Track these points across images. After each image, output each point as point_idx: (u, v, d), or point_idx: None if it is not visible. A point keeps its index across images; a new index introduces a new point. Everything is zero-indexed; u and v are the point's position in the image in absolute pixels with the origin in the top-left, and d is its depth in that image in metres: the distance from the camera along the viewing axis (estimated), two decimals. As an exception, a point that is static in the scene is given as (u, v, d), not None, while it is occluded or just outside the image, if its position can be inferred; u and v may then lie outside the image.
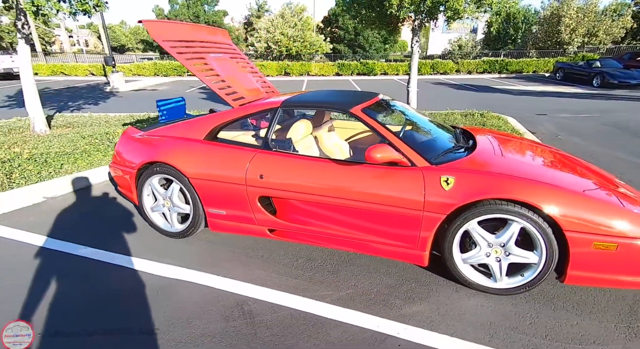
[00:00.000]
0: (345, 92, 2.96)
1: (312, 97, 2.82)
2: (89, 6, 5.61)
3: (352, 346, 1.75)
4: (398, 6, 4.77)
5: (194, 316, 1.94)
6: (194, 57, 2.81)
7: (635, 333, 1.83)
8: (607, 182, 2.36)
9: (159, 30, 2.69)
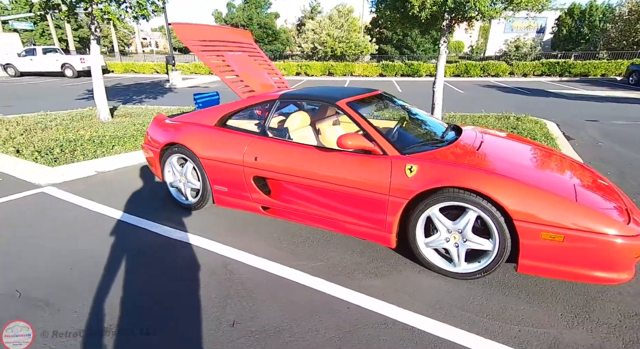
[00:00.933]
0: (344, 88, 3.21)
1: (307, 91, 3.13)
2: (147, 11, 6.44)
3: (308, 306, 2.03)
4: (420, 7, 4.88)
5: (188, 267, 2.35)
6: (213, 54, 3.25)
7: (579, 322, 1.89)
8: (591, 184, 2.38)
9: (184, 32, 3.17)
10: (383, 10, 5.58)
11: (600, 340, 1.78)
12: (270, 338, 1.78)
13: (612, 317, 1.95)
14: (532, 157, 2.65)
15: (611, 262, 1.89)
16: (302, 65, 20.36)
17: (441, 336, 1.80)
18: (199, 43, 3.20)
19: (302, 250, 2.59)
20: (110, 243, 2.65)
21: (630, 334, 1.82)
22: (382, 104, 3.23)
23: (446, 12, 5.05)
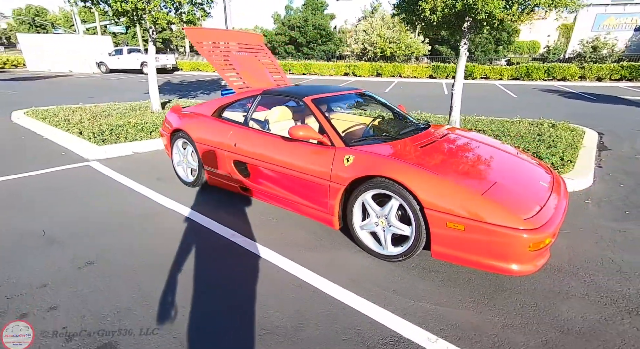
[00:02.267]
0: (321, 87, 3.51)
1: (286, 88, 3.49)
2: (194, 16, 7.32)
3: (248, 267, 2.43)
4: (431, 10, 4.93)
5: (170, 226, 2.90)
6: (217, 54, 3.79)
7: (474, 305, 2.04)
8: (521, 180, 2.45)
9: (195, 35, 3.76)
10: (399, 13, 5.71)
11: (482, 321, 1.92)
12: (214, 288, 2.22)
13: (510, 305, 2.05)
14: (473, 155, 2.75)
15: (506, 253, 2.00)
16: (350, 66, 20.64)
17: (342, 300, 2.08)
18: (206, 45, 3.77)
19: (263, 225, 3.00)
20: (122, 207, 3.31)
21: (514, 319, 1.94)
22: (358, 102, 3.49)
23: (458, 15, 5.04)
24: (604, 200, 3.61)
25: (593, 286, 2.25)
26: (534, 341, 1.80)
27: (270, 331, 1.85)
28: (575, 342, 1.80)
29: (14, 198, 3.47)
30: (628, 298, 2.14)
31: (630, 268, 2.45)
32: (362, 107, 3.57)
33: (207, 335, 1.81)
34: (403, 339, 1.81)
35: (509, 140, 5.47)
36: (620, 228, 3.02)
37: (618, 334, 1.86)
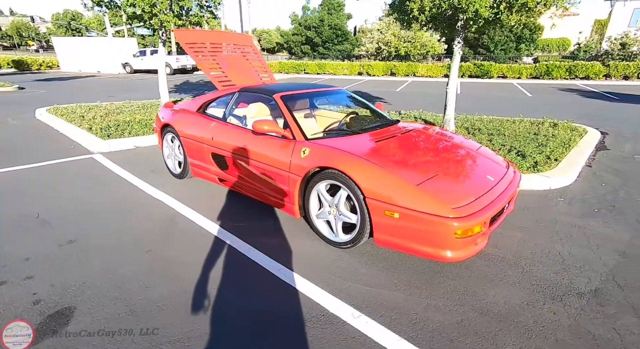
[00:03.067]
0: (296, 84, 3.67)
1: (262, 86, 3.68)
2: (201, 18, 7.67)
3: (207, 247, 2.65)
4: (419, 10, 4.99)
5: (149, 213, 3.17)
6: (204, 54, 4.05)
7: (407, 288, 2.17)
8: (464, 172, 2.55)
9: (184, 36, 4.03)
10: (393, 13, 5.79)
11: (408, 302, 2.06)
12: (175, 263, 2.46)
13: (440, 289, 2.17)
14: (426, 150, 2.87)
15: (435, 240, 2.11)
16: (364, 65, 20.67)
17: (287, 281, 2.26)
18: (195, 45, 4.03)
19: (233, 214, 3.21)
20: (112, 195, 3.63)
21: (438, 301, 2.06)
22: (334, 99, 3.65)
23: (446, 14, 5.08)
24: (578, 198, 3.60)
25: (529, 275, 2.32)
26: (449, 321, 1.91)
27: (222, 300, 2.05)
28: (489, 322, 1.90)
29: (20, 185, 3.86)
30: (558, 286, 2.21)
31: (573, 260, 2.49)
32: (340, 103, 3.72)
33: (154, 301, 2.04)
34: (329, 314, 1.97)
35: (501, 139, 5.45)
36: (582, 224, 3.04)
37: (533, 316, 1.94)
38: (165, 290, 2.15)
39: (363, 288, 2.19)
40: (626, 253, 2.60)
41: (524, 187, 3.85)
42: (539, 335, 1.83)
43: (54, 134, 6.24)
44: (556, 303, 2.07)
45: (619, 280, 2.28)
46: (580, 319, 1.94)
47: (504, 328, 1.87)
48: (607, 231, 2.92)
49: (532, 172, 4.08)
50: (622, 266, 2.44)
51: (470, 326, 1.88)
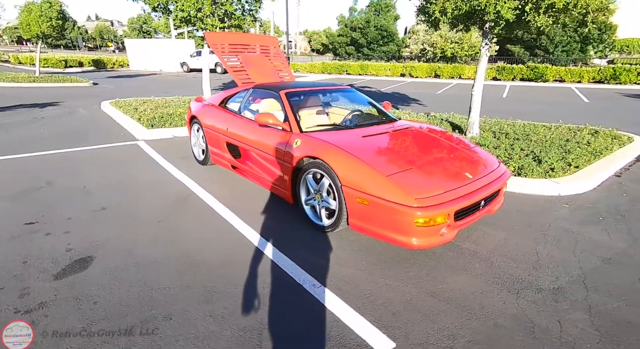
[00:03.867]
0: (309, 83, 3.98)
1: (273, 83, 4.02)
2: (242, 22, 8.28)
3: (209, 222, 3.05)
4: (441, 12, 5.00)
5: (170, 191, 3.68)
6: (230, 54, 4.50)
7: (364, 266, 2.38)
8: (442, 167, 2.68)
9: (213, 38, 4.52)
10: (419, 15, 5.85)
11: (367, 280, 2.27)
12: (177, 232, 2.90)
13: (402, 273, 2.35)
14: (410, 145, 3.02)
15: (398, 227, 2.29)
16: (407, 67, 20.38)
17: (261, 249, 2.58)
18: (222, 46, 4.50)
19: (243, 199, 3.59)
20: (144, 175, 4.22)
21: (394, 282, 2.24)
22: (339, 97, 3.91)
23: (469, 16, 5.04)
24: (586, 206, 3.48)
25: (495, 270, 2.40)
26: (399, 298, 2.09)
27: (200, 263, 2.42)
28: (436, 303, 2.06)
29: (77, 163, 4.62)
30: (520, 281, 2.27)
31: (549, 261, 2.50)
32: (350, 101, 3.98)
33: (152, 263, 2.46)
34: (294, 282, 2.24)
35: (524, 144, 5.28)
36: (577, 230, 2.97)
37: (481, 303, 2.06)
38: (165, 252, 2.57)
39: (331, 266, 2.43)
40: (611, 260, 2.54)
41: (529, 191, 3.79)
42: (480, 318, 1.94)
43: (111, 123, 7.18)
44: (510, 294, 2.14)
45: (589, 282, 2.28)
46: (528, 310, 2.01)
47: (448, 310, 2.01)
48: (602, 239, 2.84)
49: (542, 177, 3.98)
50: (600, 270, 2.41)
51: (416, 305, 2.05)
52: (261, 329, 1.84)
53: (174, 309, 1.97)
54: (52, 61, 24.91)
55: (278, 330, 1.84)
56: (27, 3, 15.19)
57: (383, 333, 1.84)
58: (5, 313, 1.90)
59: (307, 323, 1.90)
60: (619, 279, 2.32)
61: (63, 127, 6.75)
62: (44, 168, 4.34)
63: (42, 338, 1.74)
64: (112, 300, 2.03)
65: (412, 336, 1.82)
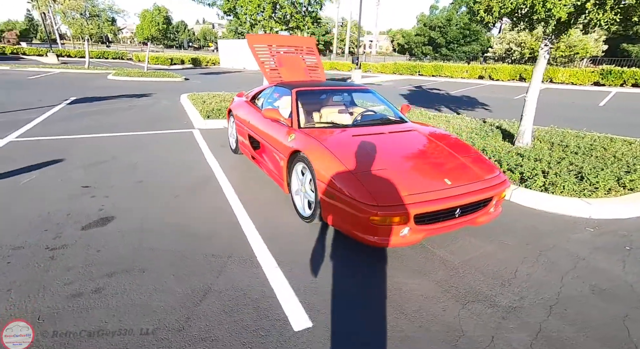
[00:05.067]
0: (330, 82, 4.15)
1: (292, 82, 4.27)
2: (302, 24, 8.75)
3: (216, 201, 3.48)
4: (486, 11, 4.63)
5: (198, 172, 4.24)
6: (265, 54, 4.91)
7: (339, 260, 2.50)
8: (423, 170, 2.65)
9: (253, 40, 4.97)
10: (468, 13, 5.52)
11: (315, 263, 2.40)
12: (186, 207, 3.39)
13: (357, 267, 2.45)
14: (396, 147, 3.03)
15: (357, 222, 2.37)
16: (487, 68, 18.78)
17: (244, 229, 2.88)
18: (260, 46, 4.93)
19: (252, 186, 3.97)
20: (183, 156, 4.89)
21: (345, 272, 2.33)
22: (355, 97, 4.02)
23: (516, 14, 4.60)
24: (619, 233, 3.03)
25: (457, 279, 2.33)
26: (339, 288, 2.20)
27: (190, 234, 2.83)
28: (375, 300, 2.11)
29: (138, 144, 5.53)
30: (476, 294, 2.18)
31: (524, 281, 2.32)
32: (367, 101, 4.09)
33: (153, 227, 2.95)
34: (255, 261, 2.49)
35: (578, 158, 4.65)
36: (585, 256, 2.64)
37: (420, 306, 2.06)
38: (168, 221, 3.04)
39: (297, 250, 2.62)
40: (605, 291, 2.24)
41: (553, 210, 3.41)
42: (410, 319, 1.95)
43: (181, 113, 8.29)
44: (456, 304, 2.08)
45: (557, 308, 2.07)
46: (466, 321, 1.95)
47: (380, 304, 2.06)
48: (611, 269, 2.49)
49: (574, 196, 3.52)
50: (581, 299, 2.15)
51: (354, 297, 2.14)
52: (207, 291, 2.14)
53: (150, 265, 2.39)
54: (162, 59, 29.00)
55: (220, 295, 2.12)
56: (143, 10, 18.11)
57: (307, 314, 1.98)
58: (39, 247, 2.54)
59: (247, 294, 2.14)
60: (599, 312, 2.05)
61: (145, 115, 8.03)
62: (116, 146, 5.32)
63: (53, 266, 2.30)
64: (111, 252, 2.54)
65: (334, 322, 1.93)
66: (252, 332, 1.84)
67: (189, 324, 1.88)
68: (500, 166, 4.30)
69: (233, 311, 1.99)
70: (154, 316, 1.92)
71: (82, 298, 2.03)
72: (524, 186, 3.75)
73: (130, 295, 2.08)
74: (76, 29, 20.03)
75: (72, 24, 19.77)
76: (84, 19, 20.02)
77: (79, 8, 19.50)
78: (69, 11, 19.72)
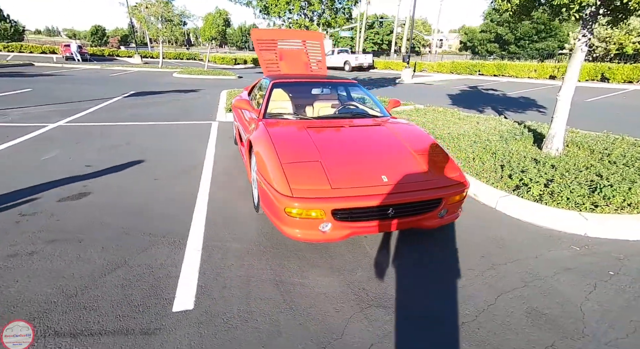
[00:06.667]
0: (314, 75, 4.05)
1: (275, 74, 4.25)
2: (333, 20, 8.72)
3: (187, 192, 3.65)
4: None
5: (190, 159, 4.49)
6: (267, 48, 4.98)
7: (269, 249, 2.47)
8: (362, 165, 2.49)
9: (257, 34, 5.06)
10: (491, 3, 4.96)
11: (237, 251, 2.40)
12: (163, 188, 3.62)
13: (269, 256, 2.39)
14: (343, 141, 2.90)
15: (276, 213, 2.31)
16: (559, 67, 16.62)
17: (196, 214, 2.98)
18: (262, 42, 5.02)
19: (232, 178, 4.08)
20: (191, 145, 5.20)
21: (252, 262, 2.29)
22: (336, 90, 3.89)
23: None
24: (610, 255, 2.52)
25: (371, 282, 2.16)
26: (241, 278, 2.16)
27: (144, 214, 3.02)
28: (267, 291, 2.05)
29: (158, 132, 6.02)
30: (380, 299, 1.98)
31: (468, 296, 2.04)
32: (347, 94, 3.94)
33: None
34: (184, 243, 2.57)
35: (611, 169, 3.91)
36: (549, 277, 2.26)
37: (311, 302, 1.96)
38: (136, 201, 3.27)
39: (231, 239, 2.63)
40: (543, 315, 1.86)
41: (541, 222, 2.92)
42: (295, 314, 1.86)
43: (214, 107, 8.82)
44: (355, 307, 1.93)
45: (471, 325, 1.80)
46: (353, 325, 1.80)
47: (268, 298, 1.98)
48: (570, 293, 2.08)
49: (571, 208, 2.97)
50: (505, 320, 1.83)
51: (249, 283, 2.10)
52: (121, 264, 2.27)
53: (90, 237, 2.59)
54: (227, 59, 31.15)
55: (130, 269, 2.22)
56: (207, 14, 19.67)
57: (196, 298, 1.99)
58: (14, 213, 2.92)
59: (154, 272, 2.21)
60: (518, 336, 1.73)
61: (181, 107, 8.71)
62: (137, 134, 5.86)
63: (13, 230, 2.63)
64: (66, 222, 2.81)
65: (213, 308, 1.91)
66: (133, 307, 1.90)
67: (82, 292, 2.01)
68: (502, 170, 3.80)
69: (130, 286, 2.08)
70: (58, 282, 2.09)
71: (15, 259, 2.30)
72: (516, 195, 3.26)
73: (53, 261, 2.29)
74: (152, 33, 22.50)
75: (150, 28, 22.24)
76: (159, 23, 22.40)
77: (156, 14, 21.85)
78: (149, 17, 22.22)
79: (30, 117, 6.82)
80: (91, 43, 54.99)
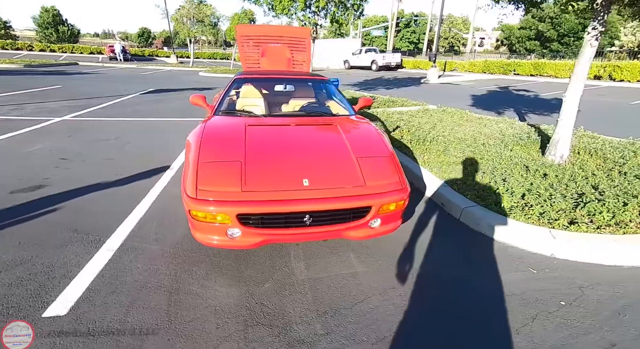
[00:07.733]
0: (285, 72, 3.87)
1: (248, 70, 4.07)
2: (342, 18, 8.46)
3: (146, 182, 3.61)
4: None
5: (165, 156, 4.47)
6: (249, 45, 4.85)
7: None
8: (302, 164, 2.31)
9: (242, 30, 4.96)
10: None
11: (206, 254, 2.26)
12: (122, 167, 3.60)
13: (234, 257, 2.18)
14: (275, 140, 2.67)
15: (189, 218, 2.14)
16: (606, 67, 15.04)
17: (136, 210, 2.90)
18: (248, 37, 4.90)
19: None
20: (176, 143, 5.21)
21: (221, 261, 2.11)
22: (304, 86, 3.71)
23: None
24: (576, 283, 2.08)
25: (275, 297, 1.94)
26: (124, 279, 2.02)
27: (85, 209, 2.99)
28: (154, 294, 1.89)
29: (153, 127, 6.10)
30: (273, 316, 1.76)
31: (360, 314, 1.75)
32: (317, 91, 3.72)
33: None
34: (102, 241, 2.48)
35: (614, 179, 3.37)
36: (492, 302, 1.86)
37: (191, 305, 1.75)
38: (86, 196, 3.26)
39: (155, 238, 2.51)
40: None
41: (502, 239, 2.52)
42: (173, 326, 1.68)
43: (222, 105, 8.87)
44: (239, 324, 1.74)
45: None
46: (230, 338, 1.59)
47: (155, 306, 1.82)
48: (499, 322, 1.70)
49: (542, 225, 2.53)
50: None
51: (142, 293, 1.95)
52: (21, 262, 2.22)
53: (15, 230, 2.58)
54: (255, 58, 31.73)
55: (28, 267, 2.16)
56: (233, 14, 20.16)
57: (74, 303, 1.87)
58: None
59: (51, 271, 2.13)
60: None
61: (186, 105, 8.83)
62: (131, 129, 5.97)
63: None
64: (9, 214, 2.83)
65: (86, 315, 1.79)
66: (5, 307, 1.83)
67: (-34, 286, 1.97)
68: (481, 178, 3.38)
69: (18, 285, 2.00)
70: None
71: None
72: (483, 205, 2.85)
73: (-38, 252, 2.29)
74: (184, 33, 23.43)
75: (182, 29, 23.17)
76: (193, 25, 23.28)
77: (188, 15, 22.73)
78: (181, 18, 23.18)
79: (43, 111, 7.21)
80: (138, 44, 58.52)
